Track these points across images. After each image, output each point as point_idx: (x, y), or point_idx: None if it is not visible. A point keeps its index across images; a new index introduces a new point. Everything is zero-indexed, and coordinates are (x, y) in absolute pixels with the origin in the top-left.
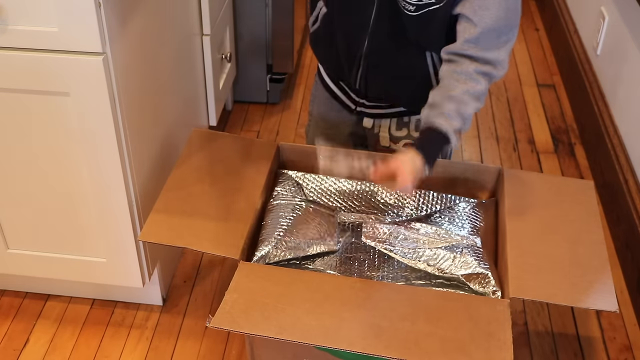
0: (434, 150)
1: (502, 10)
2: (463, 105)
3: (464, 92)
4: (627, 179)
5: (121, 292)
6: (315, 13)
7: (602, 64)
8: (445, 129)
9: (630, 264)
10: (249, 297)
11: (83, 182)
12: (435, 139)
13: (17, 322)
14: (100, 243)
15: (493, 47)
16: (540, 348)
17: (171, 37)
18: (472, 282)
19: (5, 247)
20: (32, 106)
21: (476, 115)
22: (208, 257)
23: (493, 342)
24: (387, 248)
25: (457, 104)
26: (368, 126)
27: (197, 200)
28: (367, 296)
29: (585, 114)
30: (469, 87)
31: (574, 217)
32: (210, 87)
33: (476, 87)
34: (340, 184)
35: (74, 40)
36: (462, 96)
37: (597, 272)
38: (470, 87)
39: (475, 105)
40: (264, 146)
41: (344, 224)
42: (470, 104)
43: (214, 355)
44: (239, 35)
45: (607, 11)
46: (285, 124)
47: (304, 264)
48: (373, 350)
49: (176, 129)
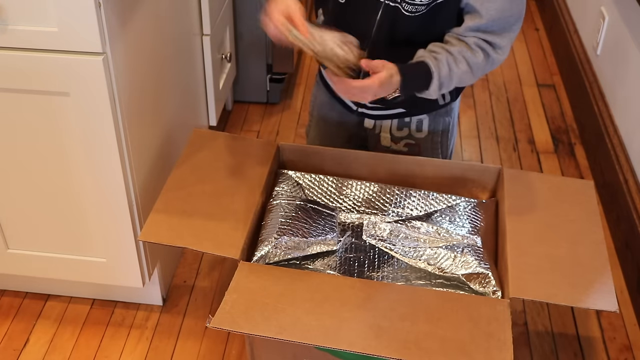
0: (414, 79)
1: (507, 2)
2: (456, 62)
3: (460, 51)
4: (627, 179)
5: (121, 292)
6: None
7: (602, 64)
8: (433, 67)
9: (630, 264)
10: (249, 297)
11: (83, 182)
12: (420, 72)
13: (17, 322)
14: (100, 243)
15: (495, 34)
16: (540, 348)
17: (171, 37)
18: (472, 282)
19: (5, 247)
20: (32, 106)
21: (476, 115)
22: (208, 257)
23: (493, 342)
24: (388, 247)
25: (451, 56)
26: (369, 127)
27: (197, 200)
28: (367, 296)
29: (585, 114)
30: (465, 52)
31: (574, 217)
32: (210, 87)
33: (473, 55)
34: (340, 184)
35: (73, 40)
36: (457, 54)
37: (597, 272)
38: (468, 52)
39: (466, 69)
40: (264, 146)
41: (344, 224)
42: (462, 64)
43: (214, 355)
44: (239, 35)
45: (607, 11)
46: (285, 124)
47: (304, 264)
48: (373, 350)
49: (176, 129)
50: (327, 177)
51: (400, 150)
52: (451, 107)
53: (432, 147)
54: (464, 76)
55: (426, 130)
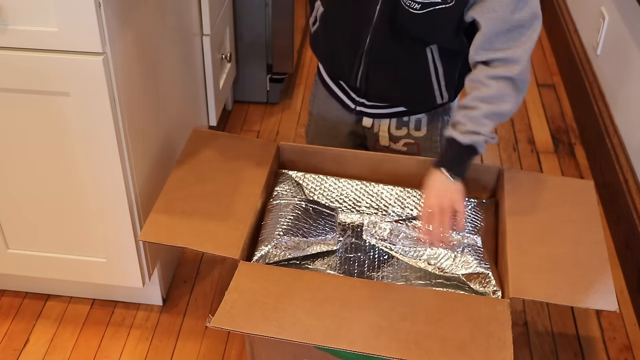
0: (451, 158)
1: (509, 11)
2: (471, 110)
3: (473, 98)
4: (627, 179)
5: (121, 292)
6: (315, 13)
7: (602, 64)
8: (453, 135)
9: (630, 264)
10: (249, 297)
11: (83, 182)
12: (450, 148)
13: (17, 322)
14: (100, 243)
15: (504, 46)
16: (540, 348)
17: (171, 37)
18: (472, 282)
19: (5, 247)
20: (32, 106)
21: None
22: (208, 257)
23: (493, 342)
24: (388, 246)
25: (466, 110)
26: (367, 125)
27: (197, 200)
28: (367, 296)
29: (585, 114)
30: (479, 93)
31: (574, 217)
32: (210, 87)
33: (486, 91)
34: (340, 184)
35: (73, 40)
36: (470, 102)
37: (597, 272)
38: (481, 92)
39: (487, 108)
40: (264, 146)
41: (344, 224)
42: (481, 108)
43: (214, 355)
44: (239, 35)
45: (607, 11)
46: (285, 124)
47: (304, 264)
48: (373, 350)
49: (176, 129)
50: (327, 177)
51: (399, 150)
52: (450, 106)
53: (431, 146)
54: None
55: (425, 129)
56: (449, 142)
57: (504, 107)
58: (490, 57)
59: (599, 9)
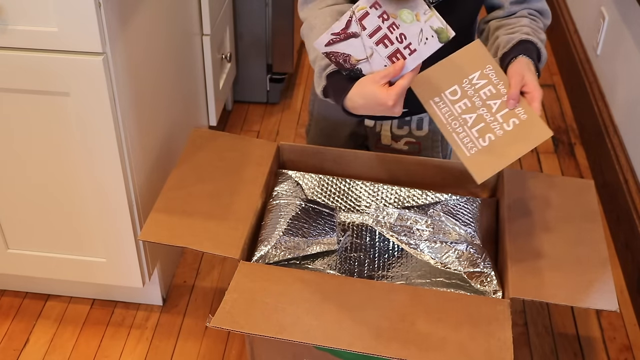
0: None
1: None
2: (536, 32)
3: (530, 22)
4: (627, 179)
5: (121, 292)
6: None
7: (602, 64)
8: (533, 40)
9: (630, 264)
10: (249, 297)
11: (83, 182)
12: (530, 48)
13: (17, 322)
14: (100, 243)
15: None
16: (540, 348)
17: (171, 37)
18: (473, 280)
19: (5, 247)
20: (32, 106)
21: None
22: (208, 257)
23: (493, 342)
24: (393, 235)
25: (531, 28)
26: (369, 125)
27: (197, 200)
28: (367, 296)
29: (585, 114)
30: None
31: (574, 217)
32: (210, 87)
33: (537, 23)
34: (340, 184)
35: (74, 40)
36: (530, 24)
37: (597, 271)
38: (534, 23)
39: (544, 37)
40: (264, 146)
41: (344, 224)
42: (541, 33)
43: (214, 355)
44: (239, 35)
45: (607, 11)
46: (285, 124)
47: (303, 263)
48: (373, 350)
49: (176, 129)
50: (327, 177)
51: (400, 149)
52: None
53: (432, 145)
54: (544, 40)
55: (426, 129)
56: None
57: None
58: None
59: (599, 9)
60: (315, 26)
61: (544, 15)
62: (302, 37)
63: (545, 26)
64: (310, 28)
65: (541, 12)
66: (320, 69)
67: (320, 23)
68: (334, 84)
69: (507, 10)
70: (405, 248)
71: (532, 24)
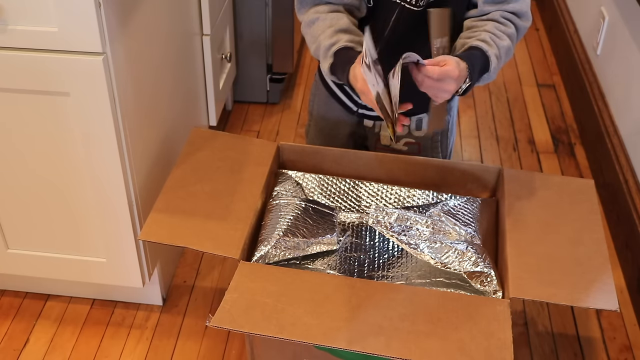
0: (476, 63)
1: None
2: (499, 38)
3: (495, 27)
4: (627, 179)
5: (121, 292)
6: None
7: (602, 64)
8: (485, 48)
9: (630, 264)
10: (249, 297)
11: (83, 182)
12: (476, 55)
13: (17, 322)
14: (100, 243)
15: (514, 1)
16: (540, 348)
17: (171, 37)
18: (473, 280)
19: (5, 247)
20: (32, 106)
21: (476, 115)
22: (208, 257)
23: (493, 342)
24: (393, 235)
25: (492, 35)
26: (369, 126)
27: (197, 200)
28: (367, 296)
29: (585, 114)
30: (500, 27)
31: (574, 217)
32: (210, 87)
33: (507, 28)
34: (340, 184)
35: (74, 40)
36: (496, 31)
37: (597, 271)
38: (502, 27)
39: (508, 43)
40: (264, 146)
41: (344, 224)
42: (504, 39)
43: (214, 355)
44: (239, 35)
45: (607, 11)
46: (285, 124)
47: (303, 263)
48: (373, 350)
49: (176, 129)
50: (327, 177)
51: (400, 150)
52: (450, 106)
53: (432, 145)
54: (508, 51)
55: (426, 129)
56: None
57: (511, 54)
58: (499, 8)
59: (599, 9)
60: (317, 19)
61: (521, 17)
62: (303, 35)
63: (522, 29)
64: (312, 22)
65: (518, 14)
66: (325, 49)
67: (322, 18)
68: (341, 57)
69: (480, 10)
70: (405, 248)
71: (497, 29)
